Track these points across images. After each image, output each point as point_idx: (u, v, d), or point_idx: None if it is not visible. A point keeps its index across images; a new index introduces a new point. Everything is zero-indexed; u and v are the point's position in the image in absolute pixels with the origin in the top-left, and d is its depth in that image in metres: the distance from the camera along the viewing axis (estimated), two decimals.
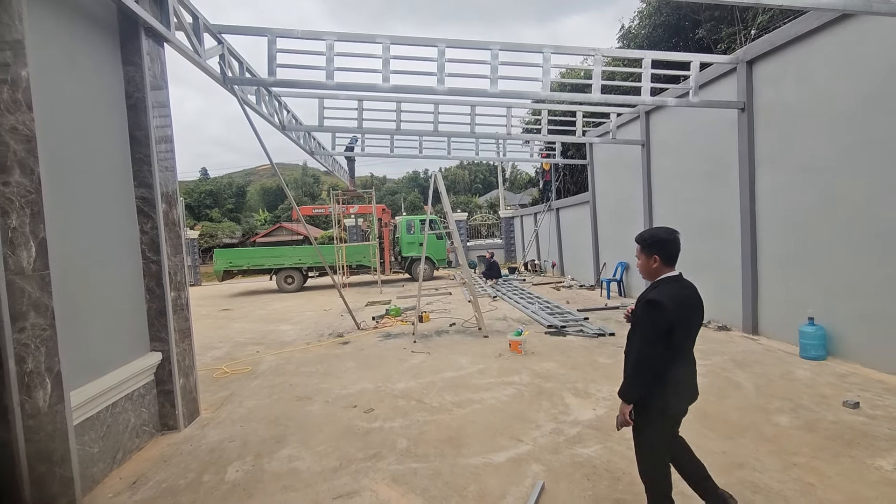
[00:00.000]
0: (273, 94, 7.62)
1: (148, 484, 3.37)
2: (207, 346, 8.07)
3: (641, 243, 2.49)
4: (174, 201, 4.57)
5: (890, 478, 2.96)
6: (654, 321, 2.27)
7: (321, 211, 21.32)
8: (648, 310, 2.31)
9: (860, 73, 5.09)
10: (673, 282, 2.42)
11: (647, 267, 2.47)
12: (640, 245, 2.49)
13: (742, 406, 4.24)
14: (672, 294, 2.32)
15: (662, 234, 2.46)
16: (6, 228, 2.58)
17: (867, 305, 5.13)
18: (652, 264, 2.45)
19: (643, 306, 2.34)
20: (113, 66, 3.99)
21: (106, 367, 3.58)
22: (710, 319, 7.71)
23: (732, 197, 7.08)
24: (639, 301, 2.40)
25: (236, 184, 60.14)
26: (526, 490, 3.04)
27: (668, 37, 14.72)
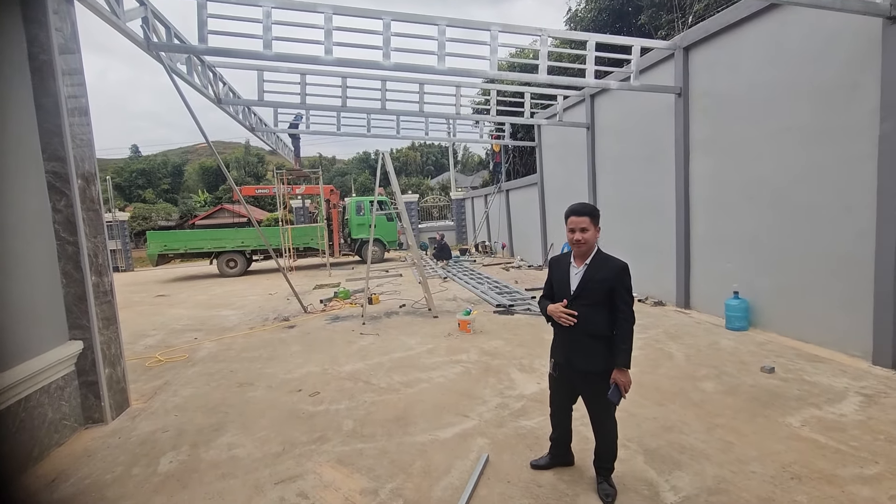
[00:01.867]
0: (207, 65, 7.10)
1: (69, 481, 3.13)
2: (139, 333, 7.58)
3: (593, 214, 2.53)
4: (92, 178, 4.17)
5: (797, 433, 3.27)
6: (631, 283, 2.53)
7: (265, 192, 20.42)
8: (629, 275, 2.51)
9: (782, 62, 5.43)
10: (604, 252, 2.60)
11: (594, 237, 2.54)
12: (590, 216, 2.52)
13: (673, 375, 4.52)
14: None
15: (598, 209, 2.59)
16: None
17: (783, 280, 5.59)
18: (596, 235, 2.55)
19: (625, 270, 2.50)
20: (11, 22, 3.54)
21: (15, 359, 3.26)
22: (648, 295, 8.15)
23: (669, 179, 7.43)
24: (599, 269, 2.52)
25: (172, 162, 56.28)
26: (471, 463, 3.10)
27: (613, 21, 15.08)
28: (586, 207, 2.54)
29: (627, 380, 2.49)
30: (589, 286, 2.52)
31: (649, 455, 3.08)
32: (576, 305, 2.55)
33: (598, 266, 2.54)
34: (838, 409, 3.61)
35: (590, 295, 2.52)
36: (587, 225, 2.51)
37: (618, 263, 2.53)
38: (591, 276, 2.53)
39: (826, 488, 2.62)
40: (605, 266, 2.53)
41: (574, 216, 2.53)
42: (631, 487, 2.74)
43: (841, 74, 4.79)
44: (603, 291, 2.49)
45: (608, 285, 2.48)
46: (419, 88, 8.99)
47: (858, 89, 4.62)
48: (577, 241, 2.52)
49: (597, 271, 2.53)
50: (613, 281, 2.48)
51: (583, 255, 2.59)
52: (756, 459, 2.95)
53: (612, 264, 2.53)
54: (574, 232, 2.53)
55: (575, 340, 2.60)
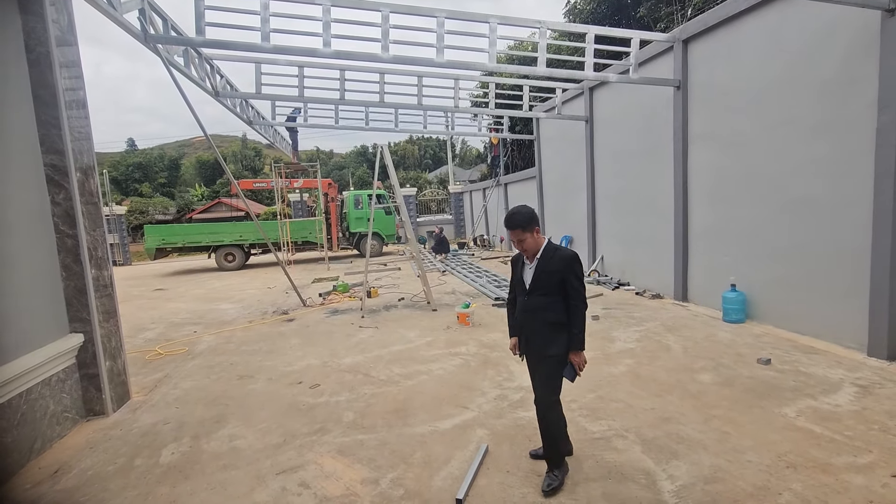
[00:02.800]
0: (204, 57, 7.05)
1: (71, 472, 3.16)
2: (139, 327, 7.59)
3: (524, 224, 2.64)
4: (91, 171, 4.16)
5: (793, 423, 3.31)
6: (582, 270, 2.73)
7: (263, 185, 20.37)
8: (580, 262, 2.71)
9: (781, 55, 5.43)
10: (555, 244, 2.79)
11: (536, 241, 2.69)
12: (521, 227, 2.64)
13: (670, 367, 4.55)
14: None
15: (530, 209, 2.71)
16: None
17: (780, 272, 5.62)
18: (537, 236, 2.70)
19: (574, 260, 2.67)
20: (7, 12, 3.51)
21: (15, 351, 3.27)
22: (646, 288, 8.18)
23: (667, 172, 7.44)
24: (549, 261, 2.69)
25: (169, 156, 55.92)
26: (470, 454, 3.13)
27: (612, 14, 15.02)
28: (514, 220, 2.67)
29: (582, 360, 2.71)
30: (541, 278, 2.69)
31: (646, 445, 3.11)
32: (532, 297, 2.74)
33: (548, 259, 2.70)
34: (833, 399, 3.65)
35: (543, 286, 2.70)
36: (521, 235, 2.67)
37: (567, 254, 2.69)
38: (542, 268, 2.70)
39: (821, 476, 2.66)
40: (555, 258, 2.69)
41: (508, 230, 2.72)
42: (629, 476, 2.77)
43: (839, 67, 4.79)
44: (554, 282, 2.66)
45: (559, 276, 2.65)
46: (418, 81, 8.95)
47: (857, 82, 4.63)
48: (521, 250, 2.76)
49: (547, 264, 2.69)
50: (563, 272, 2.64)
51: (532, 254, 2.75)
52: (752, 449, 2.99)
53: (561, 255, 2.69)
54: (515, 242, 2.74)
55: (534, 328, 2.76)
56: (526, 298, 2.78)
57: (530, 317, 2.76)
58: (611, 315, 6.68)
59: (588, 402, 3.83)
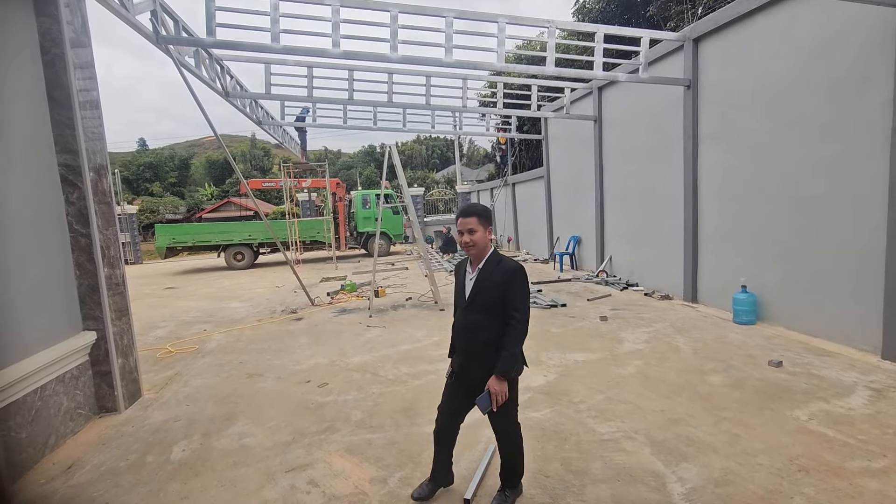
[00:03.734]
0: (214, 58, 7.11)
1: (85, 468, 3.20)
2: (150, 325, 7.68)
3: (482, 214, 2.37)
4: (104, 171, 4.21)
5: (805, 426, 3.27)
6: (528, 286, 2.37)
7: (272, 185, 20.52)
8: (524, 275, 2.36)
9: (792, 54, 5.36)
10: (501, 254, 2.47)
11: (485, 239, 2.38)
12: (478, 216, 2.35)
13: (680, 368, 4.52)
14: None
15: (489, 210, 2.48)
16: None
17: (791, 273, 5.56)
18: (488, 237, 2.39)
19: (519, 272, 2.33)
20: (24, 15, 3.57)
21: (31, 348, 3.32)
22: (654, 289, 8.13)
23: (677, 172, 7.38)
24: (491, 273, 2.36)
25: (179, 156, 56.57)
26: (479, 453, 3.13)
27: (621, 13, 14.92)
28: (475, 208, 2.39)
29: (501, 390, 2.28)
30: (481, 291, 2.36)
31: (656, 447, 3.10)
32: (470, 312, 2.40)
33: (491, 269, 2.36)
34: (846, 402, 3.61)
35: (483, 301, 2.35)
36: (475, 226, 2.34)
37: (511, 265, 2.35)
38: (483, 280, 2.36)
39: (834, 481, 2.63)
40: (498, 269, 2.35)
41: (462, 217, 2.37)
42: (638, 478, 2.76)
43: (853, 67, 4.73)
44: (495, 297, 2.32)
45: (501, 289, 2.31)
46: (426, 81, 8.96)
47: (870, 82, 4.56)
48: (466, 243, 2.37)
49: (489, 275, 2.35)
50: (506, 284, 2.30)
51: (476, 259, 2.41)
52: (763, 452, 2.96)
53: (505, 266, 2.35)
54: (462, 234, 2.37)
55: (470, 350, 2.41)
56: (464, 313, 2.43)
57: (467, 336, 2.42)
58: (619, 316, 6.64)
59: (596, 404, 3.81)
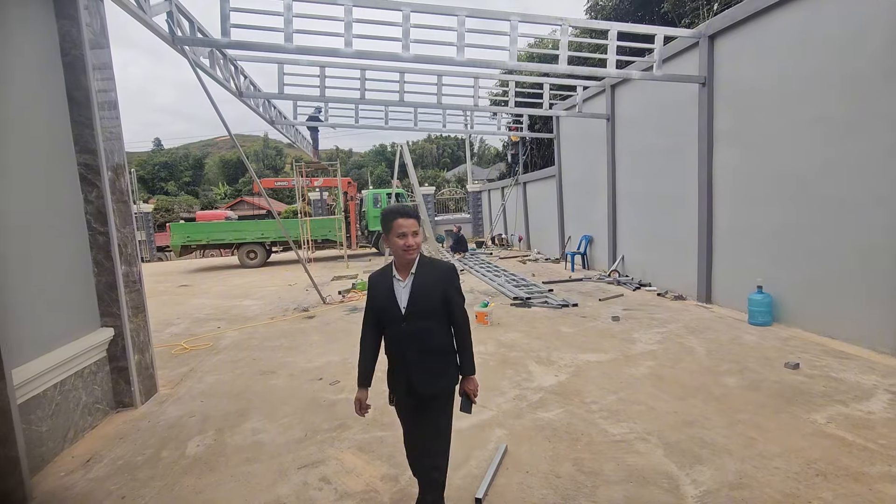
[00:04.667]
0: (228, 58, 7.20)
1: (103, 461, 3.27)
2: (165, 322, 7.80)
3: (418, 217, 2.23)
4: (121, 170, 4.29)
5: (823, 430, 3.21)
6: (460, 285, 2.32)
7: (284, 184, 20.68)
8: (457, 276, 2.29)
9: (812, 50, 5.26)
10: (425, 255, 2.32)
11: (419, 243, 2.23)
12: (416, 220, 2.19)
13: (694, 369, 4.47)
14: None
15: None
16: None
17: (808, 274, 5.46)
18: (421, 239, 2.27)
19: (454, 271, 2.28)
20: (45, 18, 3.65)
21: (52, 344, 3.40)
22: (668, 289, 8.04)
23: (691, 171, 7.28)
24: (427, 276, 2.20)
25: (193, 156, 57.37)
26: (490, 453, 3.12)
27: (635, 10, 14.76)
28: (412, 209, 2.22)
29: (475, 386, 2.34)
30: (422, 298, 2.18)
31: (669, 448, 3.06)
32: (414, 321, 2.18)
33: (427, 272, 2.21)
34: (866, 406, 3.53)
35: (423, 308, 2.18)
36: (416, 228, 2.18)
37: (446, 265, 2.28)
38: (420, 285, 2.18)
39: (853, 486, 2.58)
40: (434, 270, 2.23)
41: (402, 219, 2.14)
42: (651, 480, 2.73)
43: (874, 63, 4.61)
44: (436, 301, 2.19)
45: (440, 293, 2.19)
46: (437, 80, 8.96)
47: (892, 79, 4.45)
48: (409, 246, 2.15)
49: (426, 278, 2.20)
50: (445, 284, 2.21)
51: (407, 265, 2.21)
52: (779, 455, 2.92)
53: (439, 267, 2.26)
54: (406, 237, 2.13)
55: (416, 361, 2.20)
56: (403, 325, 2.18)
57: (416, 348, 2.19)
58: (632, 316, 6.58)
59: (608, 404, 3.79)
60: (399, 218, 2.15)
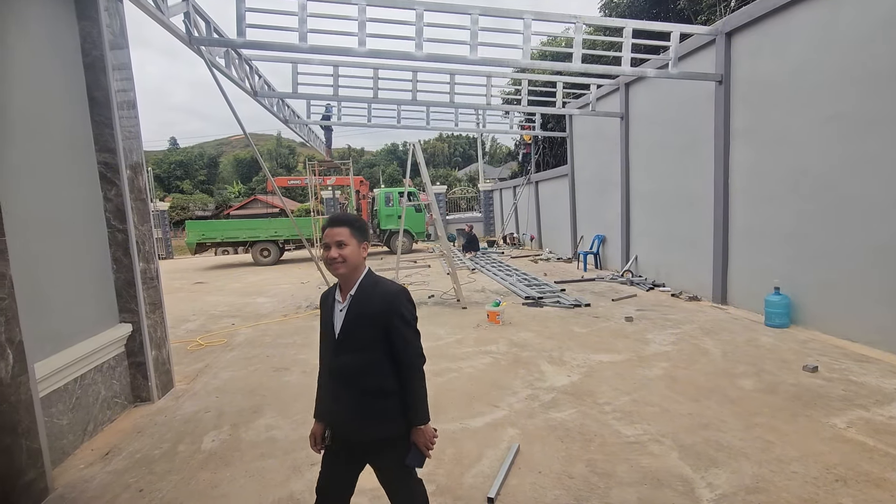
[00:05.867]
0: (243, 58, 7.27)
1: (121, 455, 3.33)
2: (181, 318, 7.92)
3: (356, 226, 1.88)
4: (140, 168, 4.36)
5: (843, 434, 3.15)
6: (415, 311, 1.92)
7: (297, 183, 20.86)
8: (410, 299, 1.91)
9: (832, 47, 5.15)
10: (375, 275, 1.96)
11: (359, 256, 1.87)
12: (349, 228, 1.85)
13: (709, 371, 4.41)
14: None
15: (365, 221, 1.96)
16: None
17: (828, 275, 5.35)
18: (363, 253, 1.90)
19: (400, 297, 1.86)
20: (66, 19, 3.72)
21: (72, 339, 3.47)
22: (682, 290, 7.94)
23: (707, 170, 7.18)
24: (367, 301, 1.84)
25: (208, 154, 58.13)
26: (502, 452, 3.12)
27: (650, 7, 14.58)
28: (346, 216, 1.92)
29: (428, 437, 1.85)
30: (356, 326, 1.83)
31: (684, 451, 3.03)
32: (344, 353, 1.85)
33: (366, 296, 1.85)
34: (887, 411, 3.45)
35: (358, 339, 1.83)
36: (346, 237, 1.82)
37: (392, 288, 1.87)
38: (358, 310, 1.84)
39: (874, 492, 2.52)
40: (375, 295, 1.84)
41: (330, 227, 1.86)
42: (665, 483, 2.70)
43: (894, 60, 4.51)
44: (376, 330, 1.82)
45: (382, 321, 1.81)
46: (450, 79, 8.96)
47: None
48: (333, 258, 1.81)
49: (365, 302, 1.83)
50: (387, 315, 1.81)
51: (347, 282, 1.88)
52: (797, 460, 2.87)
53: (383, 291, 1.86)
54: (329, 248, 1.83)
55: (351, 404, 1.84)
56: (334, 357, 1.86)
57: (344, 386, 1.85)
58: (645, 317, 6.52)
59: (622, 405, 3.75)
60: (328, 225, 1.87)
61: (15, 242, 2.75)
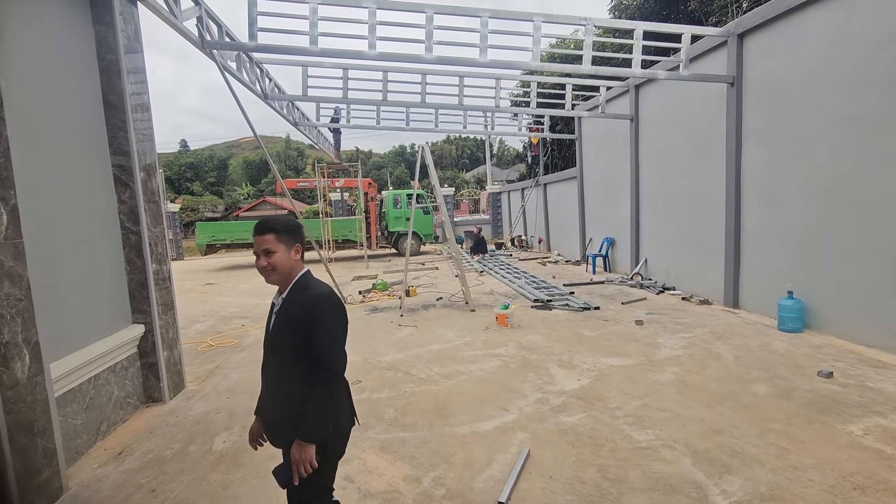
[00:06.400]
0: (254, 61, 7.33)
1: (134, 455, 3.36)
2: (191, 319, 7.98)
3: (279, 230, 1.82)
4: (153, 171, 4.41)
5: (860, 442, 3.09)
6: (343, 322, 1.87)
7: (306, 185, 20.99)
8: (334, 307, 1.83)
9: (847, 47, 5.08)
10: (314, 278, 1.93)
11: (289, 261, 1.84)
12: (274, 233, 1.81)
13: (721, 376, 4.36)
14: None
15: (297, 223, 1.92)
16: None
17: (842, 279, 5.27)
18: (294, 256, 1.86)
19: (325, 300, 1.81)
20: (83, 24, 3.77)
21: (87, 339, 3.51)
22: (693, 293, 7.87)
23: (718, 172, 7.12)
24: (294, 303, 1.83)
25: (218, 156, 58.66)
26: (512, 457, 3.10)
27: (660, 8, 14.50)
28: (272, 222, 1.84)
29: (303, 458, 1.73)
30: (281, 330, 1.85)
31: (697, 457, 2.99)
32: (272, 355, 1.89)
33: (294, 299, 1.84)
34: None
35: (284, 340, 1.84)
36: (272, 245, 1.80)
37: (317, 293, 1.83)
38: (285, 315, 1.84)
39: (893, 501, 2.47)
40: (302, 298, 1.83)
41: (256, 235, 1.83)
42: (678, 489, 2.67)
43: None
44: (298, 334, 1.78)
45: (303, 325, 1.77)
46: (459, 81, 8.96)
47: None
48: (262, 267, 1.81)
49: (291, 308, 1.83)
50: (309, 319, 1.76)
51: (283, 287, 1.88)
52: (814, 467, 2.82)
53: (310, 295, 1.82)
54: (258, 258, 1.83)
55: (276, 406, 1.89)
56: (265, 358, 1.93)
57: (271, 388, 1.91)
58: (656, 320, 6.46)
59: (633, 410, 3.72)
60: (255, 234, 1.83)
61: (32, 244, 2.79)
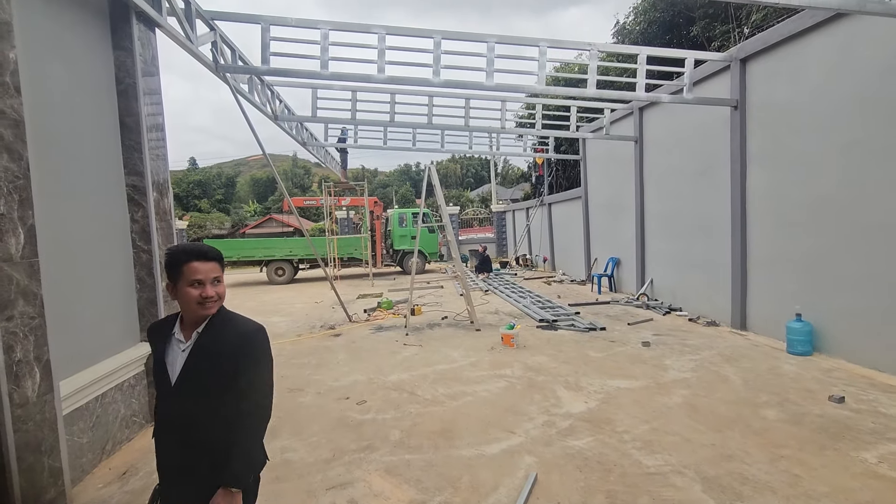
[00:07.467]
0: (266, 84, 7.51)
1: (138, 475, 3.34)
2: None
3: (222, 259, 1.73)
4: (165, 190, 4.50)
5: (874, 470, 3.03)
6: (270, 357, 1.74)
7: (312, 203, 21.17)
8: (266, 343, 1.72)
9: (851, 73, 5.15)
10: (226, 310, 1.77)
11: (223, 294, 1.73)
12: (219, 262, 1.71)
13: (730, 400, 4.30)
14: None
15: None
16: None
17: (852, 302, 5.23)
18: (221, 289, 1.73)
19: (258, 334, 1.69)
20: (103, 50, 3.91)
21: (95, 357, 3.53)
22: (700, 314, 7.82)
23: (723, 194, 7.15)
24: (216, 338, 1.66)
25: (226, 174, 59.38)
26: (519, 481, 3.06)
27: (663, 34, 14.75)
28: (213, 250, 1.70)
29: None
30: (202, 366, 1.63)
31: (707, 484, 2.95)
32: (183, 399, 1.63)
33: (216, 334, 1.66)
34: None
35: (202, 384, 1.62)
36: (220, 274, 1.69)
37: (245, 328, 1.69)
38: (204, 349, 1.64)
39: None
40: (227, 331, 1.66)
41: (198, 262, 1.63)
42: None
43: None
44: (225, 373, 1.61)
45: (232, 361, 1.62)
46: (465, 103, 9.12)
47: None
48: (209, 297, 1.64)
49: (212, 341, 1.64)
50: (239, 354, 1.63)
51: (196, 322, 1.68)
52: (827, 496, 2.77)
53: (237, 329, 1.68)
54: (203, 286, 1.63)
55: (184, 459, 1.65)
56: (170, 403, 1.65)
57: (178, 438, 1.65)
58: (663, 342, 6.41)
59: (641, 434, 3.68)
60: (193, 261, 1.63)
61: (46, 262, 2.84)
